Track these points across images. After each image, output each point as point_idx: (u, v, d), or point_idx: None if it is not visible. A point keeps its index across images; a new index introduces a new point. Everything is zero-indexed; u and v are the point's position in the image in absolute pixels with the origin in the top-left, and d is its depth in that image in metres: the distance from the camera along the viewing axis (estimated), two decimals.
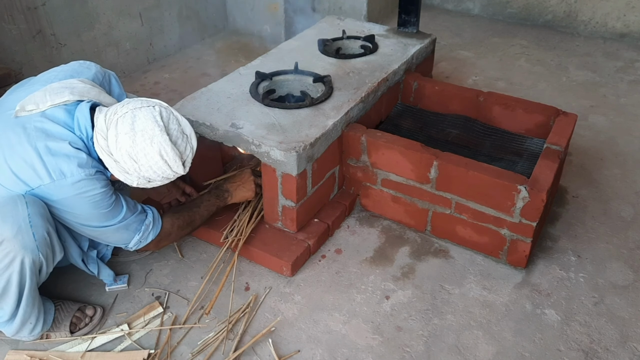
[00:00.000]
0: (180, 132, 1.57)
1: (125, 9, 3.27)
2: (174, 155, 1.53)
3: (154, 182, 1.58)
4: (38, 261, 1.51)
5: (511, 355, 1.70)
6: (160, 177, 1.56)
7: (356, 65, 2.45)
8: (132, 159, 1.49)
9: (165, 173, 1.55)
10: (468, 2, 4.45)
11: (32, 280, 1.53)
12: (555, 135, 2.09)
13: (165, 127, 1.52)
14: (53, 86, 1.60)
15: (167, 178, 1.58)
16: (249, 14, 3.94)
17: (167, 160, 1.52)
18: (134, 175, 1.54)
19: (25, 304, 1.56)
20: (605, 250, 2.10)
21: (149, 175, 1.54)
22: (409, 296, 1.90)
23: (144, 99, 1.55)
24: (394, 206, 2.19)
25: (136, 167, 1.51)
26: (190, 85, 3.25)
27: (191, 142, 1.61)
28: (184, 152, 1.58)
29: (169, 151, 1.51)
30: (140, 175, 1.53)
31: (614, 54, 3.70)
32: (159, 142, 1.49)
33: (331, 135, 2.04)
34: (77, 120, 1.55)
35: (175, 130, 1.55)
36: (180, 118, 1.59)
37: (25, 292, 1.54)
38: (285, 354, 1.70)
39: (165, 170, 1.54)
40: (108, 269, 1.88)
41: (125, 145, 1.48)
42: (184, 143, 1.57)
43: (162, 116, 1.53)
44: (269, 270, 2.00)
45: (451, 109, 2.47)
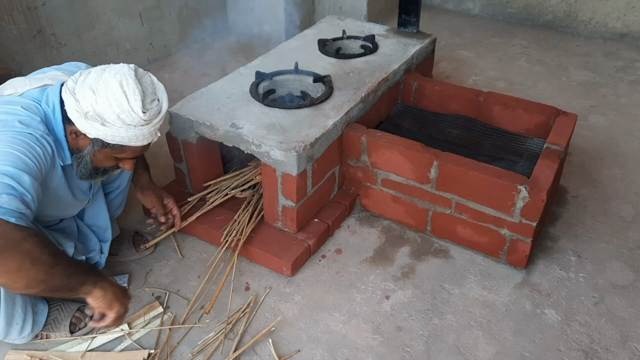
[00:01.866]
0: (152, 89, 1.48)
1: (125, 9, 3.27)
2: (135, 89, 1.40)
3: (108, 125, 1.41)
4: None
5: (511, 355, 1.70)
6: (115, 114, 1.39)
7: (356, 65, 2.45)
8: (92, 91, 1.39)
9: (121, 107, 1.39)
10: (468, 2, 4.45)
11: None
12: (555, 135, 2.09)
13: (135, 73, 1.44)
14: (36, 75, 1.59)
15: (123, 121, 1.41)
16: (249, 14, 3.94)
17: (125, 91, 1.39)
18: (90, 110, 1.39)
19: (5, 306, 1.52)
20: (605, 250, 2.10)
21: (103, 111, 1.39)
22: (409, 296, 1.90)
23: None
24: (394, 206, 2.19)
25: (92, 101, 1.39)
26: (190, 85, 3.24)
27: (161, 103, 1.49)
28: (148, 102, 1.45)
29: (131, 83, 1.40)
30: (95, 110, 1.39)
31: (614, 54, 3.70)
32: (122, 74, 1.41)
33: (331, 135, 2.04)
34: (46, 95, 1.49)
35: (146, 83, 1.46)
36: (157, 82, 1.51)
37: (2, 294, 1.49)
38: (285, 354, 1.70)
39: (122, 102, 1.39)
40: None
41: (90, 80, 1.41)
42: (151, 97, 1.46)
43: (137, 68, 1.47)
44: (269, 270, 2.00)
45: (451, 109, 2.47)
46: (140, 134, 1.46)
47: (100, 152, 1.50)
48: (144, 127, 1.46)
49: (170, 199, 2.01)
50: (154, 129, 1.50)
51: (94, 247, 1.86)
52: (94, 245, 1.86)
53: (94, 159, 1.53)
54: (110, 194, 1.91)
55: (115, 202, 1.95)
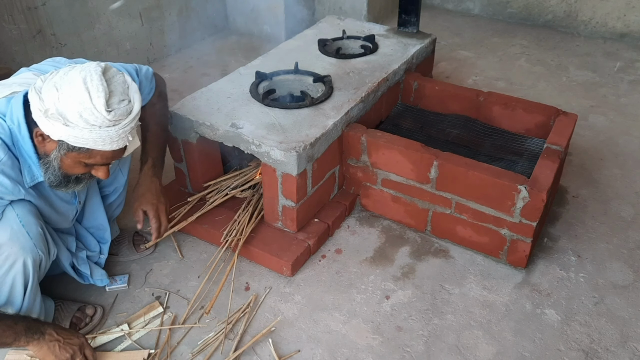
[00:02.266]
0: (124, 89, 1.39)
1: (125, 9, 3.27)
2: (99, 86, 1.32)
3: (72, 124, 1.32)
4: (38, 258, 1.49)
5: (511, 355, 1.70)
6: (77, 112, 1.31)
7: (356, 65, 2.45)
8: (55, 88, 1.32)
9: (83, 105, 1.31)
10: (468, 2, 4.45)
11: (34, 278, 1.52)
12: (555, 135, 2.09)
13: (103, 71, 1.36)
14: (8, 80, 1.54)
15: (86, 121, 1.32)
16: (249, 14, 3.94)
17: (88, 88, 1.31)
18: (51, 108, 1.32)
19: (27, 302, 1.55)
20: (605, 250, 2.10)
21: (65, 108, 1.31)
22: (409, 296, 1.90)
23: None
24: (394, 206, 2.19)
25: (55, 99, 1.31)
26: (190, 85, 3.25)
27: (132, 106, 1.40)
28: (115, 101, 1.36)
29: (95, 79, 1.32)
30: (57, 108, 1.31)
31: (614, 54, 3.70)
32: (87, 71, 1.33)
33: (331, 135, 2.04)
34: (10, 109, 1.41)
35: (116, 83, 1.38)
36: (130, 82, 1.43)
37: (28, 290, 1.53)
38: (285, 354, 1.70)
39: (84, 100, 1.30)
40: (101, 270, 1.85)
41: (56, 78, 1.34)
42: (120, 97, 1.37)
43: (109, 65, 1.39)
44: (269, 270, 2.00)
45: (451, 109, 2.47)
46: (106, 136, 1.36)
47: (67, 157, 1.41)
48: (110, 128, 1.36)
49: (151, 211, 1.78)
50: (123, 132, 1.39)
51: (93, 249, 1.86)
52: (93, 247, 1.86)
53: (62, 164, 1.44)
54: (107, 197, 1.90)
55: (113, 205, 1.95)
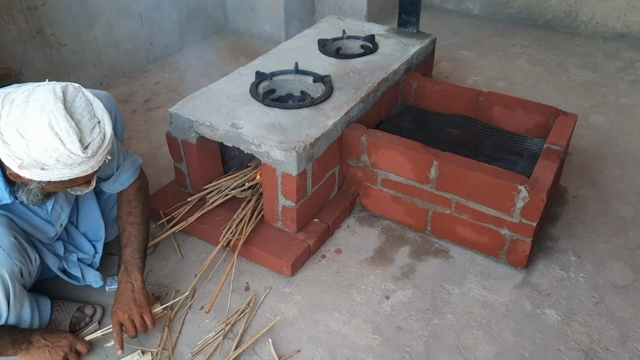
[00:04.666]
0: (89, 112, 1.32)
1: (125, 9, 3.27)
2: (68, 128, 1.25)
3: (49, 169, 1.28)
4: (16, 268, 1.47)
5: (511, 355, 1.70)
6: (53, 159, 1.26)
7: (356, 65, 2.45)
8: (20, 135, 1.24)
9: (57, 152, 1.25)
10: (468, 2, 4.45)
11: (15, 286, 1.49)
12: (555, 135, 2.09)
13: (63, 99, 1.27)
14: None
15: (64, 163, 1.28)
16: (249, 14, 3.94)
17: (57, 133, 1.24)
18: (24, 158, 1.26)
19: (13, 307, 1.52)
20: (605, 250, 2.10)
21: (39, 157, 1.25)
22: (409, 296, 1.90)
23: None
24: (394, 206, 2.19)
25: (24, 146, 1.24)
26: (190, 85, 3.24)
27: (103, 128, 1.34)
28: (88, 133, 1.30)
29: (61, 122, 1.24)
30: (30, 156, 1.25)
31: (614, 54, 3.70)
32: (49, 111, 1.24)
33: (331, 135, 2.04)
34: None
35: (80, 108, 1.30)
36: (94, 100, 1.35)
37: (12, 299, 1.49)
38: (285, 354, 1.70)
39: (57, 147, 1.25)
40: (94, 271, 1.82)
41: (14, 119, 1.24)
42: (90, 124, 1.31)
43: (66, 90, 1.30)
44: (269, 270, 2.00)
45: (451, 109, 2.47)
46: (87, 168, 1.34)
47: (49, 186, 1.39)
48: (90, 160, 1.33)
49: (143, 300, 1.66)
50: (102, 157, 1.37)
51: (87, 251, 1.84)
52: (87, 250, 1.84)
53: (44, 190, 1.43)
54: (102, 193, 1.88)
55: (109, 201, 1.92)
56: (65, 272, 1.77)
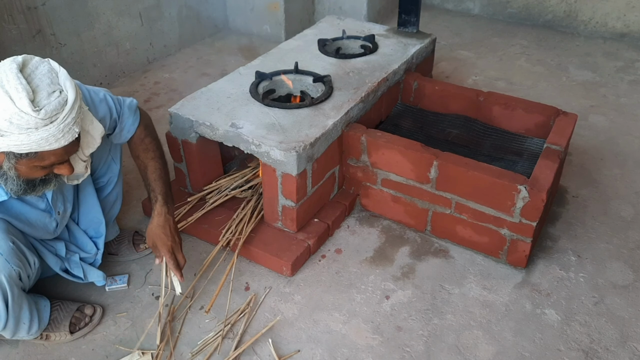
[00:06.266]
0: (51, 79, 1.29)
1: (125, 9, 3.27)
2: (17, 85, 1.21)
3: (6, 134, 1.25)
4: (14, 273, 1.47)
5: (511, 355, 1.70)
6: (6, 120, 1.22)
7: (356, 65, 2.45)
8: None
9: (9, 111, 1.22)
10: (468, 2, 4.45)
11: (14, 290, 1.49)
12: (555, 135, 2.09)
13: (21, 64, 1.25)
14: None
15: (19, 125, 1.24)
16: (249, 14, 3.94)
17: (7, 91, 1.21)
18: None
19: (12, 311, 1.52)
20: (605, 250, 2.10)
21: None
22: (409, 296, 1.90)
23: None
24: (394, 206, 2.19)
25: None
26: (190, 85, 3.25)
27: (65, 93, 1.30)
28: (44, 97, 1.26)
29: (11, 79, 1.22)
30: None
31: (614, 54, 3.70)
32: (3, 72, 1.23)
33: (331, 135, 2.04)
34: None
35: (41, 74, 1.27)
36: (58, 69, 1.33)
37: (10, 303, 1.50)
38: (285, 353, 1.70)
39: (8, 106, 1.21)
40: (96, 270, 1.82)
41: None
42: (49, 89, 1.27)
43: (29, 58, 1.28)
44: (269, 270, 2.00)
45: (451, 108, 2.47)
46: (48, 136, 1.28)
47: (20, 164, 1.35)
48: (49, 127, 1.27)
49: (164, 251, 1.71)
50: (65, 126, 1.30)
51: (89, 250, 1.84)
52: (89, 249, 1.84)
53: (19, 172, 1.38)
54: (103, 189, 1.89)
55: (110, 199, 1.93)
56: (67, 271, 1.77)
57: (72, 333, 1.72)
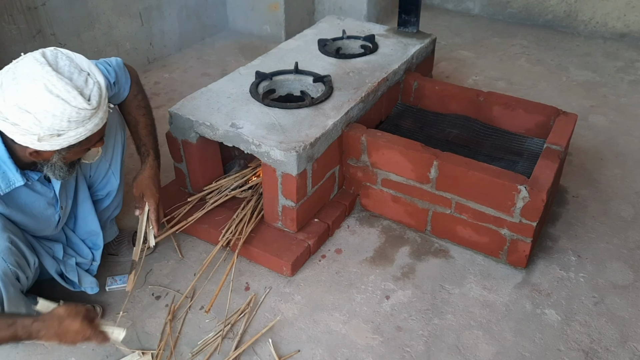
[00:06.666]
0: (75, 67, 1.32)
1: (125, 9, 3.27)
2: (65, 86, 1.26)
3: (65, 132, 1.30)
4: (10, 272, 1.46)
5: (511, 355, 1.70)
6: (65, 121, 1.28)
7: (356, 65, 2.45)
8: (25, 111, 1.25)
9: (66, 112, 1.27)
10: (468, 2, 4.45)
11: (9, 291, 1.48)
12: (555, 135, 2.09)
13: (49, 63, 1.28)
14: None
15: (76, 120, 1.30)
16: (249, 14, 3.94)
17: (59, 95, 1.25)
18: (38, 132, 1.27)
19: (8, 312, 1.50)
20: (606, 250, 2.10)
21: (51, 124, 1.27)
22: (409, 296, 1.90)
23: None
24: (394, 206, 2.19)
25: (33, 120, 1.25)
26: (190, 85, 3.25)
27: (95, 77, 1.35)
28: (84, 86, 1.31)
29: (57, 82, 1.25)
30: (43, 127, 1.27)
31: (614, 54, 3.70)
32: (42, 77, 1.25)
33: (331, 135, 2.04)
34: None
35: (66, 66, 1.31)
36: (73, 55, 1.36)
37: (6, 303, 1.48)
38: (285, 353, 1.70)
39: (63, 108, 1.26)
40: (90, 277, 1.82)
41: (12, 99, 1.25)
42: (82, 77, 1.32)
43: (46, 55, 1.30)
44: (269, 270, 2.00)
45: (451, 108, 2.47)
46: (98, 120, 1.36)
47: (70, 153, 1.41)
48: (98, 112, 1.35)
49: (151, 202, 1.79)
50: (106, 107, 1.39)
51: (85, 255, 1.84)
52: (85, 254, 1.84)
53: (66, 160, 1.45)
54: (101, 202, 1.89)
55: (109, 209, 1.93)
56: (62, 276, 1.75)
57: None
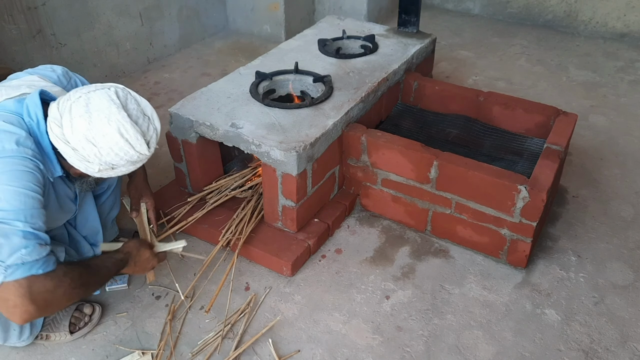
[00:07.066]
0: (141, 112, 1.43)
1: (125, 9, 3.27)
2: (135, 133, 1.38)
3: (118, 167, 1.42)
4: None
5: (511, 355, 1.70)
6: (123, 160, 1.40)
7: (356, 65, 2.45)
8: (91, 143, 1.34)
9: (128, 154, 1.39)
10: (468, 2, 4.45)
11: None
12: (555, 135, 2.09)
13: (122, 106, 1.38)
14: (12, 83, 1.54)
15: (131, 162, 1.42)
16: (249, 14, 3.94)
17: (128, 139, 1.37)
18: (95, 162, 1.38)
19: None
20: (605, 250, 2.10)
21: (110, 160, 1.38)
22: (409, 296, 1.90)
23: (99, 84, 1.43)
24: (394, 206, 2.19)
25: (96, 152, 1.35)
26: (190, 85, 3.25)
27: (154, 123, 1.46)
28: (146, 132, 1.43)
29: (129, 129, 1.36)
30: (102, 161, 1.38)
31: (614, 54, 3.70)
32: (116, 120, 1.35)
33: (331, 135, 2.04)
34: (26, 107, 1.42)
35: (134, 110, 1.41)
36: (139, 99, 1.46)
37: None
38: (285, 353, 1.70)
39: (127, 150, 1.38)
40: None
41: (81, 129, 1.33)
42: (145, 123, 1.43)
43: (119, 95, 1.40)
44: (269, 270, 2.00)
45: (451, 108, 2.47)
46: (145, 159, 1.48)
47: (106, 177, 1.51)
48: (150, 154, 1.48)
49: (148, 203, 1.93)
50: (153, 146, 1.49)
51: (86, 253, 1.84)
52: (86, 252, 1.84)
53: (98, 181, 1.62)
54: (101, 196, 1.89)
55: (107, 204, 1.93)
56: None
57: (72, 333, 1.72)
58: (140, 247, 1.68)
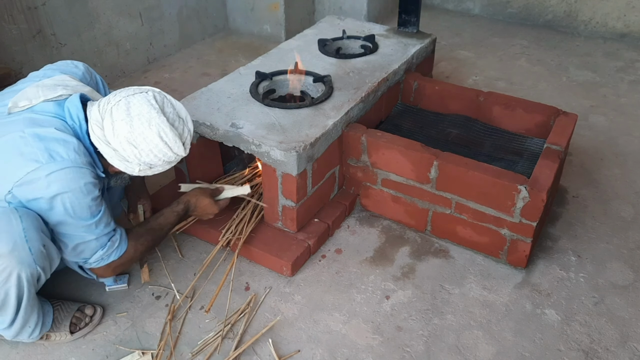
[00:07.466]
0: (176, 115, 1.54)
1: (125, 9, 3.27)
2: (174, 136, 1.50)
3: (155, 167, 1.54)
4: (36, 273, 1.49)
5: (511, 355, 1.70)
6: (161, 160, 1.52)
7: (356, 65, 2.45)
8: (132, 145, 1.46)
9: (166, 156, 1.52)
10: (468, 2, 4.45)
11: (30, 291, 1.52)
12: (555, 135, 2.09)
13: (161, 109, 1.49)
14: (45, 82, 1.59)
15: (168, 162, 1.55)
16: (249, 14, 3.95)
17: (167, 142, 1.49)
18: (135, 162, 1.50)
19: (23, 312, 1.55)
20: (605, 250, 2.10)
21: (149, 161, 1.51)
22: (409, 296, 1.90)
23: (135, 87, 1.53)
24: (394, 206, 2.19)
25: (136, 153, 1.48)
26: (190, 85, 3.25)
27: (188, 125, 1.58)
28: (182, 134, 1.55)
29: (168, 132, 1.48)
30: (141, 161, 1.50)
31: (614, 54, 3.70)
32: (157, 124, 1.47)
33: (331, 135, 2.04)
34: (67, 110, 1.52)
35: (171, 113, 1.52)
36: (174, 102, 1.57)
37: (24, 302, 1.53)
38: (285, 353, 1.70)
39: (166, 152, 1.50)
40: None
41: (123, 132, 1.45)
42: (181, 125, 1.55)
43: (157, 100, 1.50)
44: (269, 270, 2.00)
45: (451, 109, 2.47)
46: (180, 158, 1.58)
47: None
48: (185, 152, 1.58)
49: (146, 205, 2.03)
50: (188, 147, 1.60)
51: None
52: None
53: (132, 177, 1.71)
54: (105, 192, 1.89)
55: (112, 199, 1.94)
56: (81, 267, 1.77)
57: (73, 333, 1.73)
58: (200, 196, 1.87)
